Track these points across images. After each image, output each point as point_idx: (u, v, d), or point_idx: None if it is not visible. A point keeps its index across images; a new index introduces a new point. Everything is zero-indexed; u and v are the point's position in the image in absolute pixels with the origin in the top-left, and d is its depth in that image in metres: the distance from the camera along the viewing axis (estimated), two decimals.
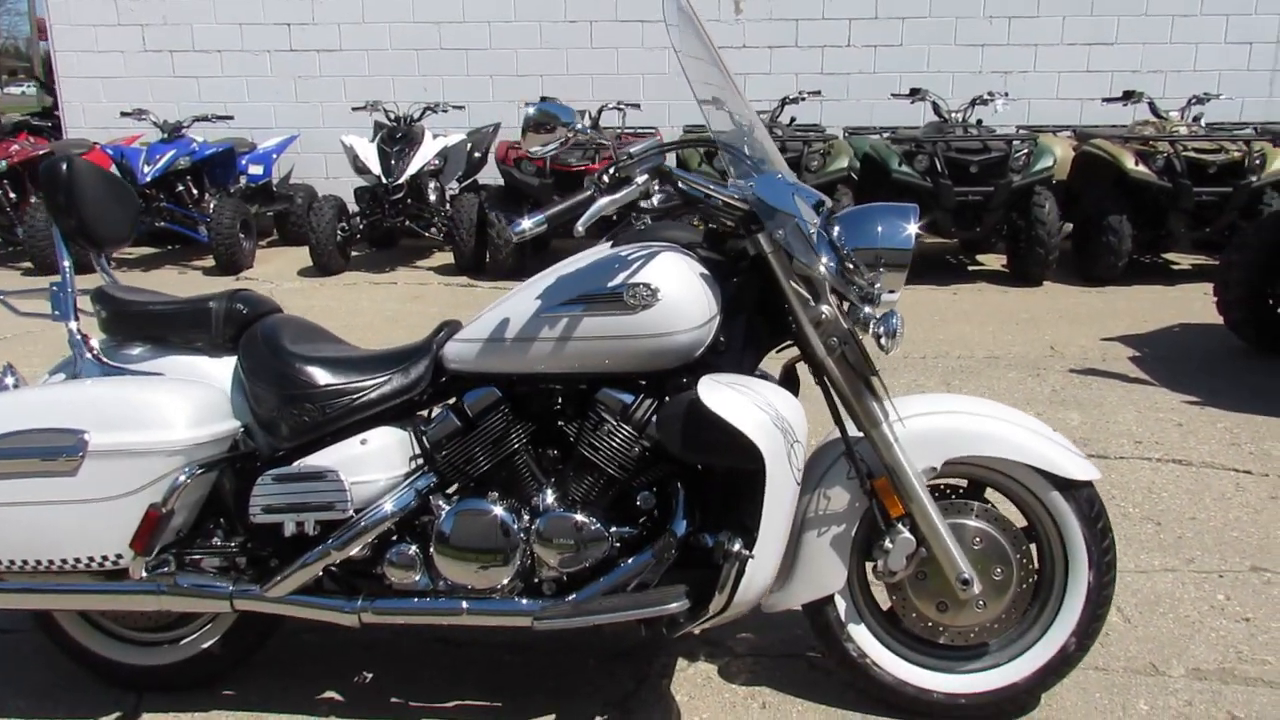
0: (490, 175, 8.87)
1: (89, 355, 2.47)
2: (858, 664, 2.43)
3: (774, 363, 2.43)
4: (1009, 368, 5.36)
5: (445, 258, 8.60)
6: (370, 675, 2.69)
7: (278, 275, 8.02)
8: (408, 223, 8.02)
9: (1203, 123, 7.57)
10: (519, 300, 2.33)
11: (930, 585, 2.37)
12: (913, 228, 2.32)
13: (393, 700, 2.58)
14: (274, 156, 9.04)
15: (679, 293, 2.22)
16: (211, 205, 8.25)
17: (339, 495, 2.30)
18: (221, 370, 2.48)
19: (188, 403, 2.28)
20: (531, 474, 2.38)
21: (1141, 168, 6.92)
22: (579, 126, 2.17)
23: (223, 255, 7.86)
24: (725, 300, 2.29)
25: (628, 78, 9.33)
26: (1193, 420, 4.48)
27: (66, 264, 2.55)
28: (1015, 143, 7.18)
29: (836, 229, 2.29)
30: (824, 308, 2.22)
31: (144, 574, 2.28)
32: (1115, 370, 5.27)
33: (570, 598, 2.29)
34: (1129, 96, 7.62)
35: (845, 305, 2.26)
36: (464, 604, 2.32)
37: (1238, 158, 6.88)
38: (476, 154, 8.67)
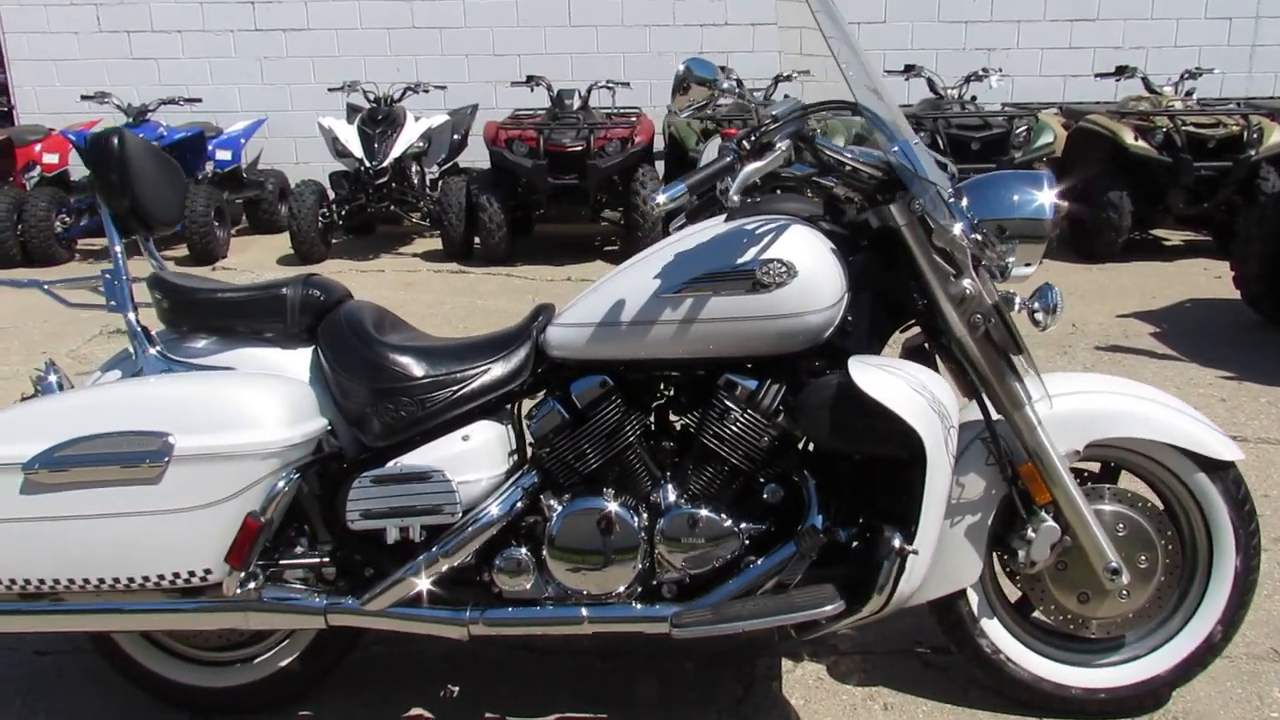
0: (469, 158, 8.61)
1: (154, 350, 2.23)
2: (992, 660, 2.30)
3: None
4: (1035, 346, 5.20)
5: (428, 244, 8.32)
6: (456, 689, 2.49)
7: (256, 265, 7.69)
8: (392, 208, 7.73)
9: (1195, 98, 7.57)
10: (630, 281, 2.14)
11: (1071, 575, 2.25)
12: (1051, 196, 2.18)
13: (488, 715, 2.39)
14: (242, 141, 8.65)
15: (813, 270, 2.06)
16: None
17: (447, 497, 2.10)
18: (296, 363, 2.26)
19: (277, 400, 2.06)
20: (647, 469, 2.20)
21: (1141, 143, 6.88)
22: (725, 85, 2.00)
23: (197, 245, 7.50)
24: (850, 277, 2.13)
25: (608, 56, 9.09)
26: (1234, 395, 4.43)
27: (119, 249, 2.32)
28: (1015, 119, 7.11)
29: (964, 199, 2.14)
30: (966, 282, 2.06)
31: (238, 590, 2.06)
32: (1140, 346, 5.22)
33: (705, 601, 2.11)
34: (1121, 72, 7.59)
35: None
36: (584, 611, 2.14)
37: (1236, 132, 6.86)
38: (456, 136, 8.39)
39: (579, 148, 7.04)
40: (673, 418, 2.28)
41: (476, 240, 7.52)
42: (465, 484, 2.13)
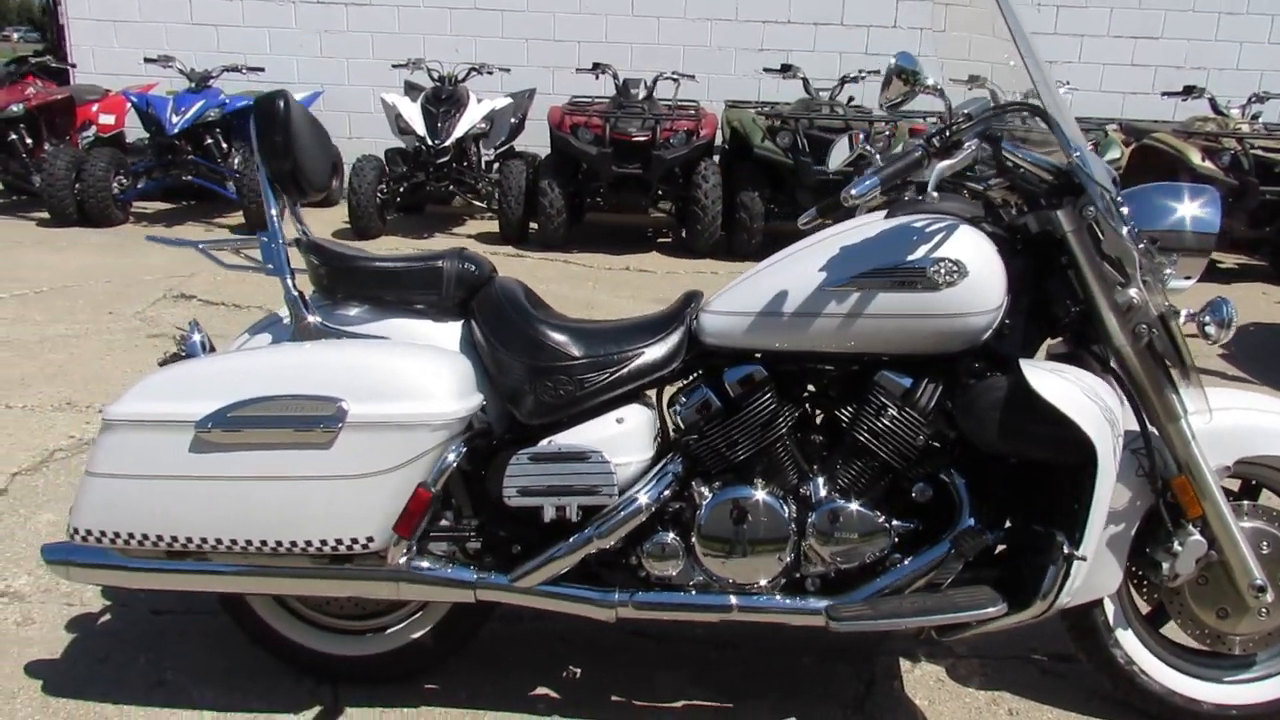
0: (521, 141, 8.59)
1: (312, 318, 2.22)
2: (1124, 671, 2.29)
3: None
4: None
5: (481, 225, 8.33)
6: (579, 670, 2.49)
7: None
8: (450, 188, 7.72)
9: (1261, 121, 7.54)
10: (792, 272, 2.14)
11: (1210, 591, 2.24)
12: (1215, 210, 2.18)
13: (614, 699, 2.40)
14: None
15: (981, 271, 2.06)
16: (236, 160, 7.89)
17: (605, 478, 2.11)
18: (446, 335, 2.27)
19: (446, 372, 2.06)
20: (795, 461, 2.20)
21: (1208, 164, 6.86)
22: (929, 82, 2.00)
23: (254, 214, 7.51)
24: (1010, 280, 2.12)
25: (668, 48, 9.07)
26: None
27: (275, 213, 2.31)
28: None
29: (1125, 208, 2.14)
30: (1133, 291, 2.05)
31: (401, 560, 2.07)
32: (1211, 368, 5.19)
33: (856, 596, 2.11)
34: (1189, 92, 7.57)
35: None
36: (733, 600, 2.14)
37: None
38: (513, 119, 8.38)
39: (644, 138, 7.03)
40: (814, 410, 2.28)
41: (532, 224, 7.52)
42: (620, 466, 2.14)
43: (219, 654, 2.49)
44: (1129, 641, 2.30)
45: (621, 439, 2.16)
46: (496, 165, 8.05)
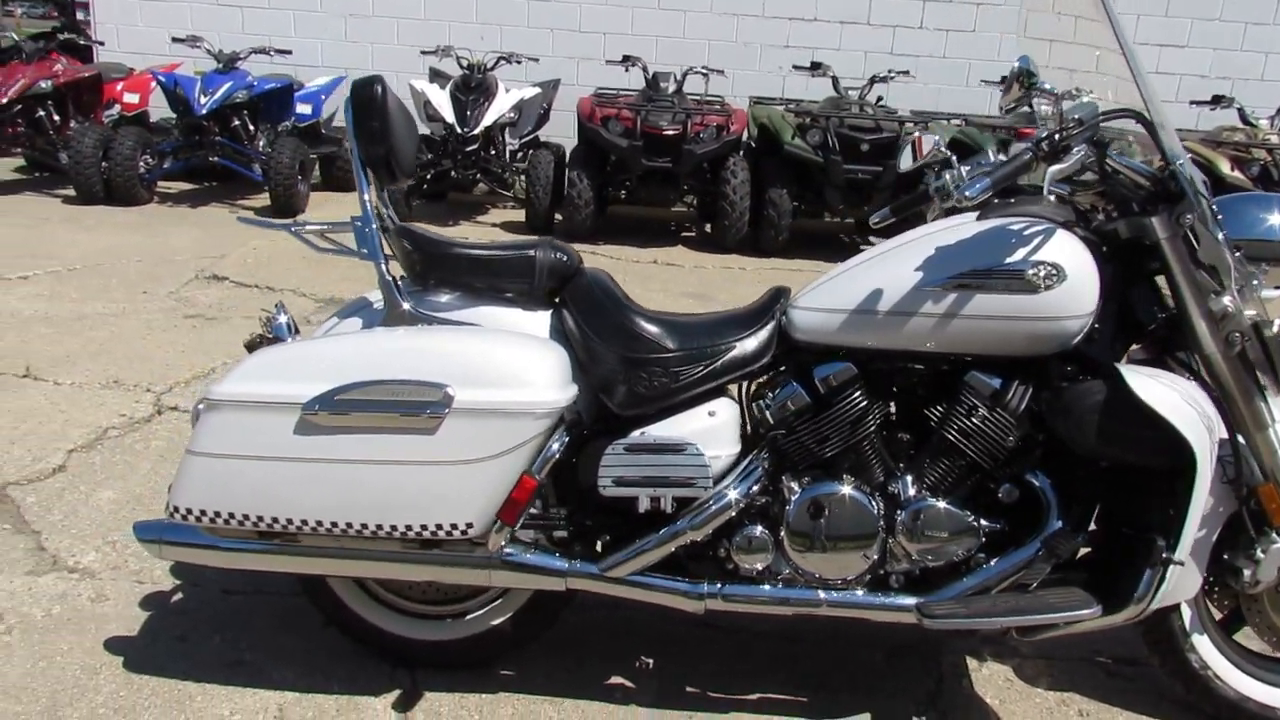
0: (545, 131, 8.58)
1: (407, 305, 2.23)
2: (1199, 676, 2.31)
3: None
4: None
5: (504, 214, 8.32)
6: (650, 661, 2.51)
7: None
8: (477, 175, 7.72)
9: None
10: (886, 271, 2.16)
11: None
12: None
13: (689, 690, 2.41)
14: (322, 97, 8.62)
15: (1077, 275, 2.07)
16: (262, 142, 7.87)
17: (700, 470, 2.12)
18: (536, 324, 2.27)
19: (550, 361, 2.07)
20: (882, 458, 2.22)
21: (1237, 173, 6.87)
22: (1046, 87, 2.02)
23: (280, 197, 7.48)
24: (1101, 286, 2.14)
25: (694, 42, 9.08)
26: None
27: (368, 197, 2.32)
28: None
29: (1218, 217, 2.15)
30: (1227, 299, 2.07)
31: (503, 546, 2.08)
32: None
33: (945, 594, 2.13)
34: (1218, 101, 7.58)
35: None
36: (821, 594, 2.16)
37: None
38: (540, 109, 8.37)
39: (675, 132, 7.02)
40: (900, 407, 2.29)
41: (557, 215, 7.52)
42: (712, 459, 2.15)
43: (293, 634, 2.50)
44: (1204, 647, 2.32)
45: (713, 432, 2.18)
46: (521, 155, 8.05)
